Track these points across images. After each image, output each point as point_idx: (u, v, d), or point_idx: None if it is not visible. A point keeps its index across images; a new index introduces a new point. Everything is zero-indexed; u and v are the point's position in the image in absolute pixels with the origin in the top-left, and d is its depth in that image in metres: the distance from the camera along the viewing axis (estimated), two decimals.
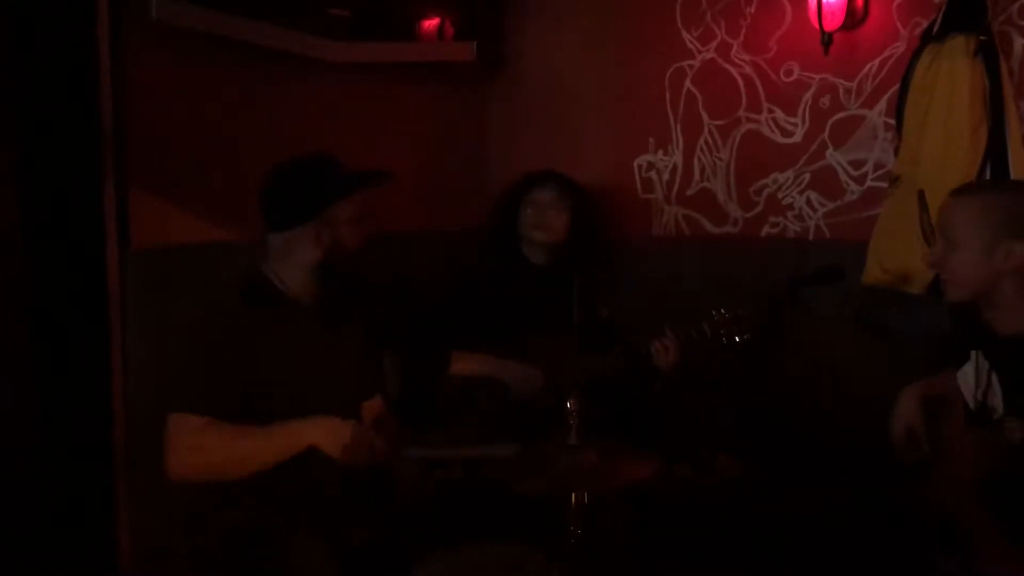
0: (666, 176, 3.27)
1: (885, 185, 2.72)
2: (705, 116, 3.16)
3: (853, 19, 2.80)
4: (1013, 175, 2.43)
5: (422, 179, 3.26)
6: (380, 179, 2.06)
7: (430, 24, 3.20)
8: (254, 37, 2.57)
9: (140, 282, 2.40)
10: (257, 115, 2.69)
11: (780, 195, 3.04)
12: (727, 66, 3.10)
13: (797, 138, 2.99)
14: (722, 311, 2.50)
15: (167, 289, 2.43)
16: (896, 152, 2.66)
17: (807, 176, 2.98)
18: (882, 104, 2.80)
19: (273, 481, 1.90)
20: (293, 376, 1.94)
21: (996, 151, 2.45)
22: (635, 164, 3.32)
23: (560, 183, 2.82)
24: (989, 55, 2.44)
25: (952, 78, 2.46)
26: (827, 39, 2.80)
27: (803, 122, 2.98)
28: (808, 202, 2.99)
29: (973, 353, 1.90)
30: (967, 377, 1.91)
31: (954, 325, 2.01)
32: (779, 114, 3.02)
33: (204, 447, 1.85)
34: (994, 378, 1.83)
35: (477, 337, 2.57)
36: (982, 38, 2.43)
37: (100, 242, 2.37)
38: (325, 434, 1.86)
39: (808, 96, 2.95)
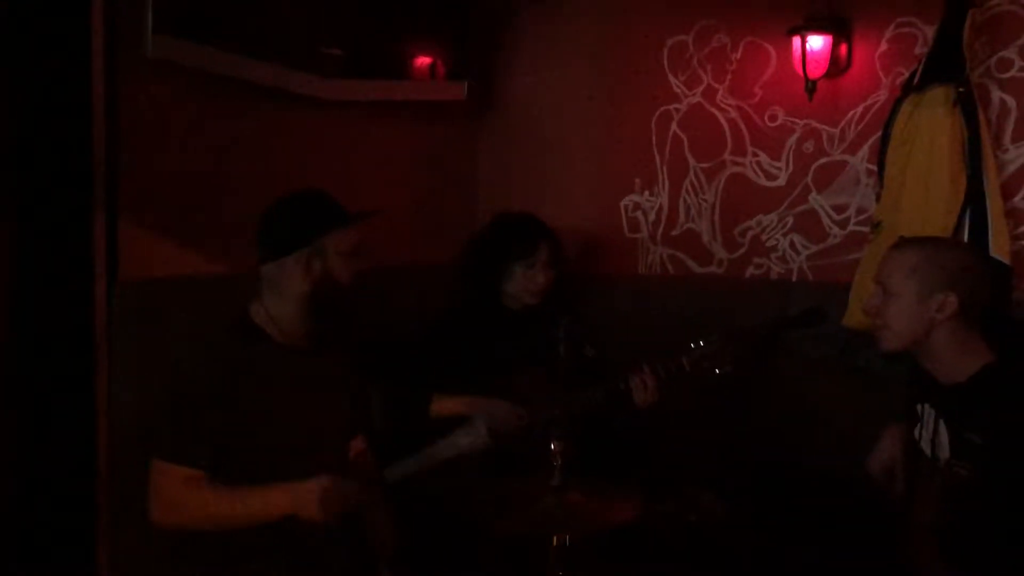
0: (652, 216, 3.31)
1: (867, 230, 2.77)
2: (691, 158, 3.21)
3: (837, 67, 2.86)
4: (991, 223, 2.48)
5: (412, 215, 3.28)
6: (370, 215, 2.09)
7: (422, 63, 3.24)
8: (248, 74, 2.60)
9: (128, 314, 2.40)
10: (250, 151, 2.71)
11: (764, 237, 3.09)
12: (713, 110, 3.16)
13: (781, 182, 3.04)
14: (700, 343, 2.51)
15: (155, 321, 2.44)
16: (878, 198, 2.71)
17: (790, 219, 3.02)
18: (864, 150, 2.86)
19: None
20: (278, 419, 1.94)
21: (975, 199, 2.50)
22: (622, 204, 3.36)
23: (548, 241, 2.73)
24: (968, 106, 2.50)
25: (932, 127, 2.51)
26: (811, 86, 2.86)
27: (787, 166, 3.03)
28: (791, 244, 3.03)
29: (923, 407, 1.98)
30: (921, 433, 1.99)
31: (908, 383, 2.08)
32: (763, 158, 3.07)
33: (185, 506, 1.88)
34: (941, 425, 1.91)
35: (458, 379, 2.56)
36: (961, 89, 2.49)
37: (89, 274, 2.37)
38: (295, 504, 1.86)
39: (792, 141, 3.01)
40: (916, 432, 2.01)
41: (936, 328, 1.89)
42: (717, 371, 2.50)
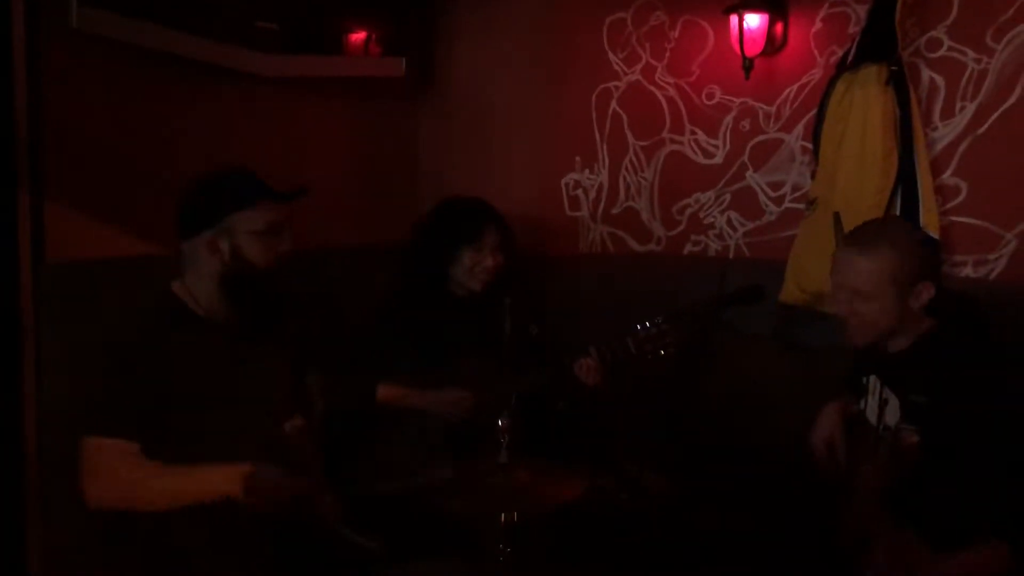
0: (592, 194, 3.32)
1: (802, 207, 2.82)
2: (630, 136, 3.23)
3: (773, 46, 2.90)
4: (921, 199, 2.55)
5: (351, 194, 3.24)
6: (290, 195, 2.01)
7: (359, 38, 3.19)
8: (179, 48, 2.52)
9: (55, 297, 2.32)
10: (181, 128, 2.63)
11: (702, 215, 3.12)
12: (652, 88, 3.17)
13: (718, 159, 3.08)
14: (646, 324, 2.53)
15: (83, 304, 2.36)
16: (813, 175, 2.76)
17: (728, 196, 3.06)
18: (799, 128, 2.91)
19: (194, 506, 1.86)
20: (207, 396, 1.90)
21: (906, 176, 2.57)
22: (563, 182, 3.37)
23: (496, 225, 2.70)
24: (899, 84, 2.56)
25: (865, 105, 2.56)
26: (748, 64, 2.90)
27: (724, 144, 3.06)
28: (728, 222, 3.08)
29: (868, 379, 2.02)
30: (871, 405, 2.03)
31: (854, 356, 2.11)
32: (701, 136, 3.10)
33: (122, 481, 1.83)
34: (889, 393, 1.96)
35: (404, 364, 2.54)
36: (893, 68, 2.54)
37: (13, 255, 2.29)
38: (231, 484, 1.81)
39: (729, 119, 3.04)
40: (862, 403, 2.05)
41: (911, 315, 1.93)
42: (662, 352, 2.52)
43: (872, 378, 2.01)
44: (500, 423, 1.83)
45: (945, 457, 1.83)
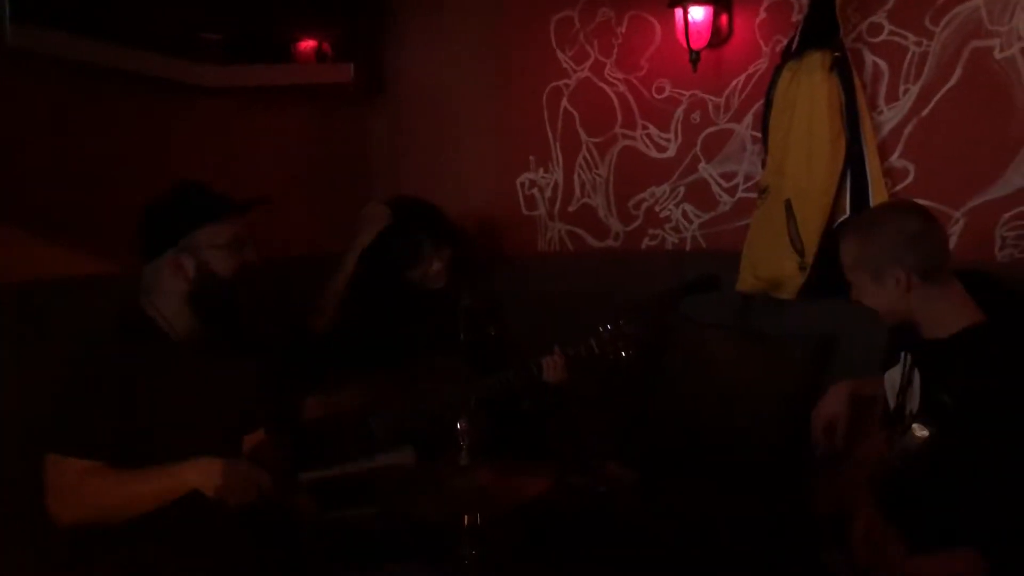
0: (548, 193, 3.32)
1: (755, 196, 2.84)
2: (583, 133, 3.24)
3: (718, 37, 2.92)
4: (871, 182, 2.58)
5: (304, 203, 3.21)
6: (250, 205, 2.03)
7: (306, 46, 3.16)
8: (121, 63, 2.48)
9: (6, 318, 2.28)
10: (127, 144, 2.60)
11: (657, 208, 3.14)
12: (602, 84, 3.18)
13: (671, 153, 3.09)
14: (608, 327, 2.54)
15: (33, 325, 2.31)
16: (763, 164, 2.78)
17: (682, 189, 3.08)
18: (748, 118, 2.93)
19: (161, 516, 1.84)
20: (171, 413, 1.89)
21: (854, 160, 2.60)
22: (518, 182, 3.37)
23: (430, 235, 2.70)
24: (844, 70, 2.59)
25: (811, 92, 2.59)
26: (695, 57, 2.91)
27: (676, 137, 3.08)
28: (684, 214, 3.09)
29: (902, 355, 1.96)
30: (893, 377, 1.98)
31: (889, 331, 2.04)
32: (653, 130, 3.11)
33: (85, 494, 1.81)
34: (916, 377, 1.90)
35: (364, 365, 2.53)
36: (836, 54, 2.58)
37: None
38: (200, 476, 1.83)
39: (680, 112, 3.06)
40: (891, 374, 1.99)
41: (907, 298, 1.86)
42: (624, 354, 2.54)
43: (906, 355, 1.94)
44: (459, 425, 1.82)
45: (951, 465, 1.76)
